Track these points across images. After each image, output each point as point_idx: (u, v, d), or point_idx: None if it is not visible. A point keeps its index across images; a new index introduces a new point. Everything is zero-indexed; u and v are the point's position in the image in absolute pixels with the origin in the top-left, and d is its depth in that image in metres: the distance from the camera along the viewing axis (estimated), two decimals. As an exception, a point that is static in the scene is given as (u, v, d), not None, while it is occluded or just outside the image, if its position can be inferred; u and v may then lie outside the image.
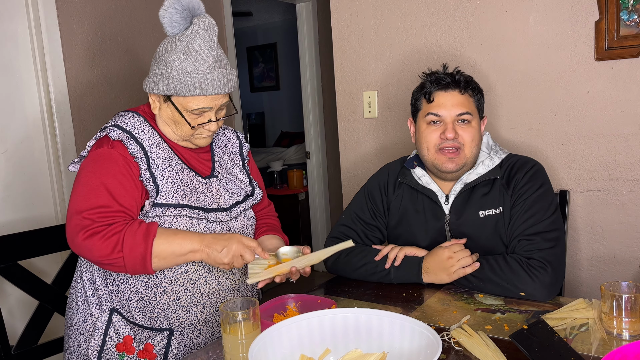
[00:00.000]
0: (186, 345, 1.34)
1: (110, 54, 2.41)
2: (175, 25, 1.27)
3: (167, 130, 1.36)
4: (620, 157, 1.79)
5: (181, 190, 1.31)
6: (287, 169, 5.01)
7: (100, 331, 1.31)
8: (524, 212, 1.41)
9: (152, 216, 1.28)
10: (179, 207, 1.30)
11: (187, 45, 1.25)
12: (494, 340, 1.06)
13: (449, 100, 1.45)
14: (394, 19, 2.17)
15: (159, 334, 1.32)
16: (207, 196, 1.36)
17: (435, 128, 1.47)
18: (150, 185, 1.28)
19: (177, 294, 1.31)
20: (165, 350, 1.32)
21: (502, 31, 1.94)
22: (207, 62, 1.26)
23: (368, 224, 1.61)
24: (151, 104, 1.35)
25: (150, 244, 1.21)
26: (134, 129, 1.31)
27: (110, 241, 1.20)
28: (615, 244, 1.84)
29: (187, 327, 1.34)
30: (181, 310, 1.32)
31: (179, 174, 1.33)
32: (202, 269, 1.34)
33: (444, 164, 1.46)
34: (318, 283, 1.60)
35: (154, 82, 1.30)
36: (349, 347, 0.98)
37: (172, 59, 1.26)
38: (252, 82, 6.34)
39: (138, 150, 1.29)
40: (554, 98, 1.88)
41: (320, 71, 4.07)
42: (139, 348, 1.31)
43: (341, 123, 2.39)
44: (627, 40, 1.70)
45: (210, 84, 1.27)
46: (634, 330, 1.05)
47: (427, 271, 1.41)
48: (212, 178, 1.40)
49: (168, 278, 1.30)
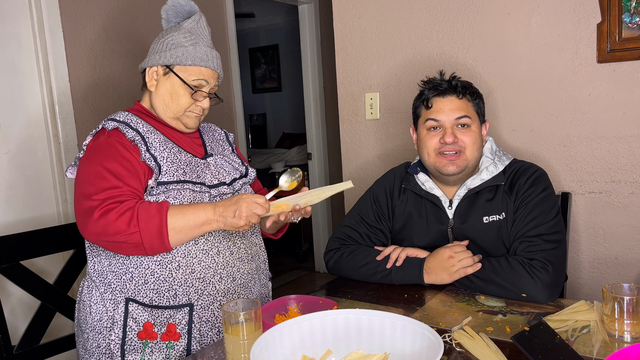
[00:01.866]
0: (209, 320, 1.35)
1: (113, 55, 2.42)
2: (171, 21, 1.45)
3: (161, 107, 1.42)
4: (622, 159, 1.79)
5: (181, 168, 1.36)
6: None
7: (119, 324, 1.31)
8: (526, 214, 1.42)
9: (156, 193, 1.31)
10: (182, 182, 1.34)
11: (192, 28, 1.41)
12: (496, 342, 1.06)
13: (446, 106, 1.48)
14: (396, 21, 2.17)
15: (180, 311, 1.32)
16: (207, 174, 1.41)
17: (435, 133, 1.49)
18: (153, 164, 1.32)
19: (192, 267, 1.33)
20: (188, 328, 1.32)
21: (504, 33, 1.94)
22: (207, 43, 1.43)
23: (372, 227, 1.62)
24: (148, 82, 1.42)
25: (164, 215, 1.24)
26: (127, 119, 1.37)
27: (124, 217, 1.22)
28: (617, 246, 1.84)
29: (206, 299, 1.34)
30: (198, 283, 1.33)
31: (177, 155, 1.37)
32: (213, 239, 1.36)
33: (445, 166, 1.48)
34: (319, 284, 1.60)
35: (157, 56, 1.40)
36: (351, 348, 0.98)
37: (176, 35, 1.40)
38: (254, 83, 6.35)
39: (135, 135, 1.34)
40: (555, 100, 1.88)
41: (322, 72, 4.07)
42: (161, 332, 1.31)
43: (343, 124, 2.40)
44: (629, 42, 1.71)
45: (211, 59, 1.42)
46: (635, 332, 1.05)
47: (428, 271, 1.42)
48: (208, 157, 1.46)
49: (181, 252, 1.32)
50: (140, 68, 1.45)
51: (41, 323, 1.50)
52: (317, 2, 3.97)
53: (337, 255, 1.58)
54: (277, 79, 6.20)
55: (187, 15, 1.44)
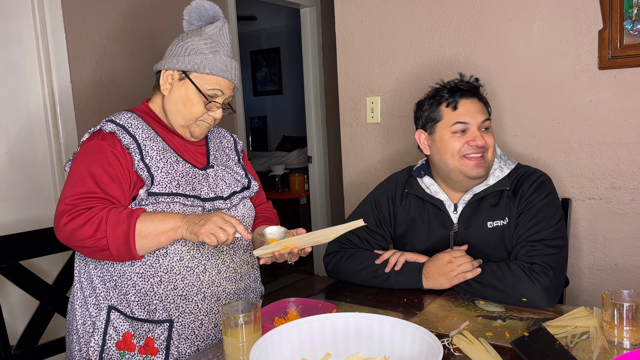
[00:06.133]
0: (188, 338, 1.33)
1: (115, 56, 2.42)
2: (193, 24, 1.42)
3: (172, 113, 1.39)
4: (623, 165, 1.79)
5: (175, 180, 1.33)
6: (288, 173, 5.02)
7: (100, 330, 1.31)
8: (529, 219, 1.42)
9: (146, 204, 1.30)
10: (173, 195, 1.31)
11: (214, 34, 1.38)
12: (495, 347, 1.06)
13: (472, 107, 1.46)
14: (397, 25, 2.18)
15: (159, 326, 1.31)
16: (204, 186, 1.38)
17: (461, 136, 1.46)
18: (145, 174, 1.30)
19: (174, 283, 1.31)
20: (167, 344, 1.31)
21: (506, 38, 1.95)
22: (228, 52, 1.40)
23: (372, 232, 1.61)
24: (162, 84, 1.39)
25: (133, 222, 1.22)
26: (127, 123, 1.35)
27: (92, 222, 1.21)
28: (617, 253, 1.84)
29: (187, 317, 1.33)
30: (180, 300, 1.32)
31: (173, 165, 1.35)
32: (201, 256, 1.33)
33: (472, 169, 1.44)
34: (318, 288, 1.60)
35: (175, 59, 1.37)
36: (350, 352, 0.98)
37: (197, 40, 1.37)
38: (255, 86, 6.36)
39: (131, 142, 1.32)
40: (556, 106, 1.88)
41: (324, 76, 4.08)
42: (139, 344, 1.30)
43: (344, 128, 2.40)
44: (631, 49, 1.71)
45: (229, 69, 1.38)
46: (635, 339, 1.05)
47: (427, 276, 1.42)
48: (209, 169, 1.43)
49: (164, 267, 1.30)
50: (155, 69, 1.42)
51: (40, 323, 1.50)
52: (319, 6, 3.98)
53: (336, 259, 1.57)
54: (278, 81, 6.21)
55: (211, 20, 1.41)
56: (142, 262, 1.30)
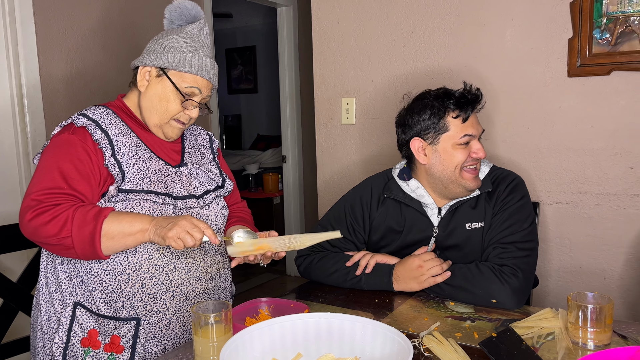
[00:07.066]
0: (155, 336, 1.31)
1: (88, 50, 2.37)
2: (173, 22, 1.41)
3: (148, 110, 1.37)
4: (589, 171, 1.84)
5: (147, 177, 1.31)
6: (262, 172, 4.99)
7: (65, 327, 1.29)
8: (502, 221, 1.44)
9: (115, 201, 1.27)
10: (144, 192, 1.29)
11: (194, 34, 1.37)
12: (464, 348, 1.07)
13: (474, 119, 1.46)
14: (374, 28, 2.19)
15: (125, 324, 1.29)
16: (176, 183, 1.36)
17: (464, 148, 1.44)
18: (115, 170, 1.28)
19: (142, 281, 1.29)
20: (133, 342, 1.29)
21: (479, 44, 1.98)
22: (207, 52, 1.39)
23: (344, 238, 1.59)
24: (139, 81, 1.37)
25: (100, 222, 1.20)
26: (100, 117, 1.32)
27: (58, 220, 1.19)
28: (582, 256, 1.89)
29: (155, 315, 1.31)
30: (147, 298, 1.30)
31: (146, 162, 1.33)
32: (170, 255, 1.32)
33: (471, 182, 1.45)
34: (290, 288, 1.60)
35: (153, 56, 1.35)
36: (321, 352, 0.98)
37: (176, 39, 1.36)
38: (230, 84, 6.31)
39: (102, 137, 1.29)
40: (527, 112, 1.92)
41: (299, 76, 4.08)
42: (105, 342, 1.28)
43: (319, 128, 2.40)
44: (599, 58, 1.76)
45: (208, 69, 1.37)
46: (598, 340, 1.08)
47: (398, 279, 1.43)
48: (182, 166, 1.41)
49: (132, 265, 1.28)
50: (132, 65, 1.40)
51: (3, 322, 1.46)
52: (295, 5, 3.97)
53: (307, 261, 1.57)
54: (253, 80, 6.18)
55: (192, 20, 1.40)
56: (110, 259, 1.28)
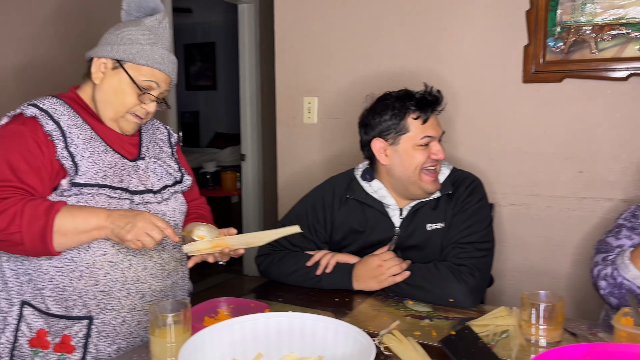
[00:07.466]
0: (109, 336, 1.27)
1: (39, 41, 2.27)
2: (131, 14, 1.37)
3: (102, 103, 1.32)
4: (541, 174, 1.91)
5: (102, 171, 1.26)
6: (220, 170, 4.93)
7: (12, 327, 1.24)
8: (462, 222, 1.47)
9: (68, 195, 1.22)
10: (98, 186, 1.25)
11: (153, 26, 1.34)
12: (422, 346, 1.09)
13: (435, 120, 1.48)
14: (337, 29, 2.20)
15: (77, 323, 1.24)
16: (133, 178, 1.32)
17: (424, 149, 1.45)
18: (68, 163, 1.23)
19: (95, 279, 1.24)
20: (85, 342, 1.24)
21: (440, 48, 2.02)
22: (166, 46, 1.35)
23: (305, 238, 1.58)
24: (93, 73, 1.32)
25: (52, 218, 1.15)
26: (52, 108, 1.27)
27: (6, 214, 1.13)
28: (533, 256, 1.96)
29: (108, 314, 1.26)
30: (101, 296, 1.25)
31: (100, 155, 1.28)
32: (126, 251, 1.27)
33: (430, 185, 1.46)
34: (248, 288, 1.58)
35: (109, 47, 1.31)
36: (282, 352, 0.97)
37: (134, 30, 1.31)
38: (188, 80, 6.20)
39: (54, 129, 1.24)
40: (485, 115, 1.98)
41: (260, 73, 4.04)
42: (54, 342, 1.23)
43: (280, 127, 2.39)
44: (552, 65, 1.82)
45: (167, 62, 1.34)
46: (550, 337, 1.12)
47: (357, 279, 1.43)
48: (139, 160, 1.37)
49: (85, 261, 1.24)
50: (87, 56, 1.34)
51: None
52: (257, 2, 3.94)
53: (267, 261, 1.56)
54: (212, 77, 6.09)
55: (150, 12, 1.36)
56: (62, 256, 1.23)
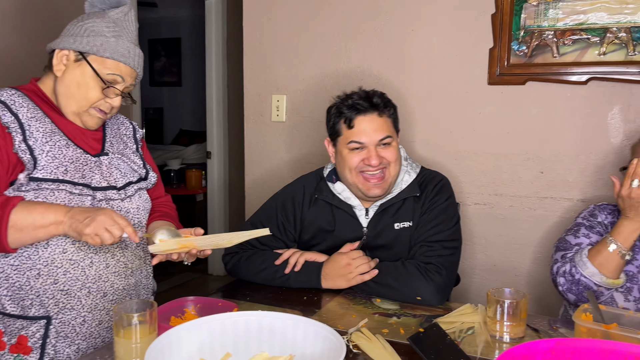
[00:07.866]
0: (68, 336, 1.23)
1: (-6, 29, 2.18)
2: (95, 6, 1.33)
3: (64, 97, 1.27)
4: (504, 174, 1.96)
5: (63, 166, 1.22)
6: (185, 168, 4.85)
7: None
8: (430, 220, 1.49)
9: (26, 190, 1.18)
10: (58, 182, 1.20)
11: (118, 19, 1.30)
12: (391, 344, 1.10)
13: (369, 126, 1.45)
14: (306, 27, 2.19)
15: (34, 323, 1.20)
16: (95, 174, 1.28)
17: (358, 152, 1.46)
18: (26, 157, 1.18)
19: (54, 277, 1.21)
20: (42, 343, 1.20)
21: (409, 49, 2.04)
22: (132, 39, 1.31)
23: (274, 237, 1.58)
24: (55, 65, 1.27)
25: (7, 212, 1.11)
26: (10, 100, 1.22)
27: None
28: (496, 255, 2.00)
29: (67, 313, 1.23)
30: (60, 295, 1.21)
31: (62, 149, 1.24)
32: (87, 249, 1.24)
33: (370, 190, 1.47)
34: (213, 287, 1.56)
35: (72, 39, 1.27)
36: (251, 351, 0.96)
37: (98, 22, 1.27)
38: (153, 75, 6.07)
39: (12, 121, 1.19)
40: (450, 116, 2.01)
41: (227, 70, 3.99)
42: (10, 342, 1.19)
43: (248, 125, 2.37)
44: (516, 68, 1.87)
45: (132, 56, 1.30)
46: (514, 333, 1.15)
47: (326, 277, 1.44)
48: (102, 156, 1.33)
49: (43, 259, 1.20)
50: (48, 48, 1.29)
51: None
52: (225, -1, 3.90)
53: (235, 259, 1.54)
54: (177, 73, 5.99)
55: (115, 5, 1.32)
56: (18, 253, 1.19)
